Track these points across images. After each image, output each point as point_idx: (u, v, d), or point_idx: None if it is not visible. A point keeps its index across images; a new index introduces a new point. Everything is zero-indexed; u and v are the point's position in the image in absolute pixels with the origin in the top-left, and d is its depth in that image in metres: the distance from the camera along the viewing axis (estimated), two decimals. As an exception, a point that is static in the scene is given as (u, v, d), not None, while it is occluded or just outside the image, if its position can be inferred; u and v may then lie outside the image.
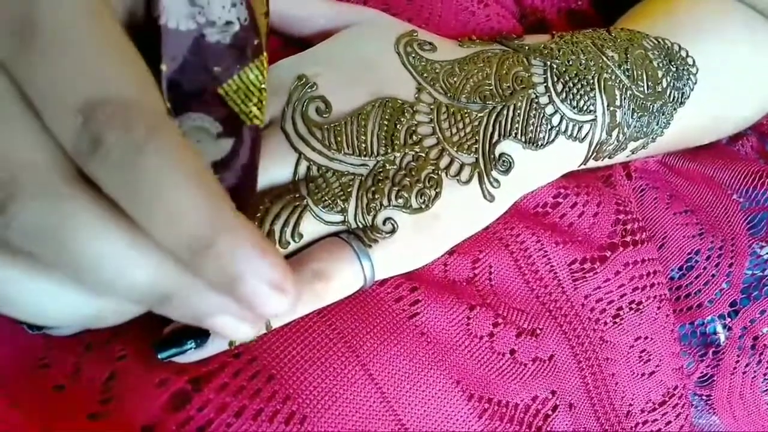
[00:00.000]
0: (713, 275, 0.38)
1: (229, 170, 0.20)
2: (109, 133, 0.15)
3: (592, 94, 0.31)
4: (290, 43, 0.31)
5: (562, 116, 0.30)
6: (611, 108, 0.31)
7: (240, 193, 0.20)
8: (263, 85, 0.20)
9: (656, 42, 0.34)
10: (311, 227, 0.26)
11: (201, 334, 0.24)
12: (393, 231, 0.27)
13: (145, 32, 0.19)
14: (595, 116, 0.31)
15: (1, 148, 0.16)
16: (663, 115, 0.34)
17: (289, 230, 0.25)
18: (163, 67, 0.18)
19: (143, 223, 0.16)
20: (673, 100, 0.34)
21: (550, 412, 0.30)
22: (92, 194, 0.16)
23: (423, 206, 0.27)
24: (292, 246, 0.26)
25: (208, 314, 0.18)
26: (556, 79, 0.31)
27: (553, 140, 0.30)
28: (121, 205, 0.16)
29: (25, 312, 0.18)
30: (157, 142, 0.16)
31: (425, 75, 0.29)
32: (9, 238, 0.16)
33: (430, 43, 0.30)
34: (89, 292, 0.18)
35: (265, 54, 0.20)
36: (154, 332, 0.24)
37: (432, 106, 0.28)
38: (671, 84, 0.34)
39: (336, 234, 0.27)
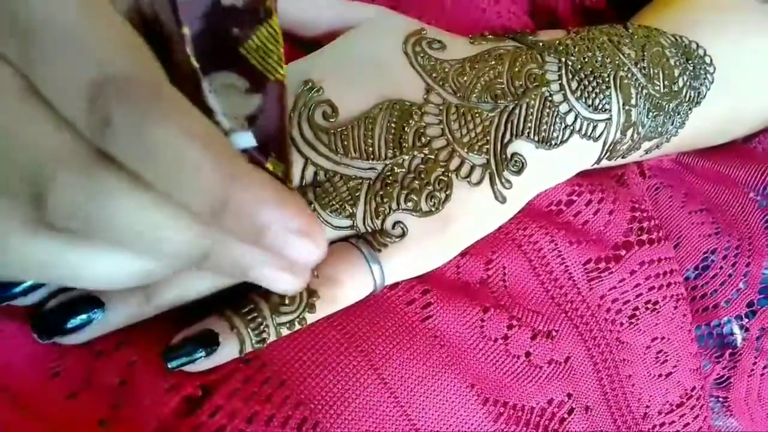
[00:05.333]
0: (730, 275, 0.37)
1: (261, 123, 0.20)
2: (115, 111, 0.16)
3: (607, 93, 0.30)
4: (298, 44, 0.31)
5: (576, 115, 0.30)
6: (626, 107, 0.31)
7: (274, 144, 0.20)
8: (279, 45, 0.21)
9: (674, 39, 0.34)
10: None
11: (211, 343, 0.23)
12: (403, 235, 0.26)
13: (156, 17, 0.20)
14: (610, 115, 0.31)
15: (26, 143, 0.17)
16: (678, 114, 0.33)
17: None
18: (186, 31, 0.19)
19: (163, 190, 0.17)
20: (689, 99, 0.34)
21: (566, 415, 0.30)
22: (118, 169, 0.17)
23: (433, 209, 0.27)
24: None
25: (249, 267, 0.19)
26: (571, 76, 0.30)
27: (567, 139, 0.30)
28: (141, 176, 0.17)
29: (83, 281, 0.19)
30: (162, 110, 0.16)
31: (434, 75, 0.28)
32: (53, 223, 0.17)
33: (440, 42, 0.29)
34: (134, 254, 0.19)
35: (276, 15, 0.21)
36: (165, 338, 0.24)
37: (441, 107, 0.28)
38: (687, 83, 0.33)
39: (345, 239, 0.26)
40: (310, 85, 0.27)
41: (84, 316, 0.23)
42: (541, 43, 0.31)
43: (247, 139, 0.20)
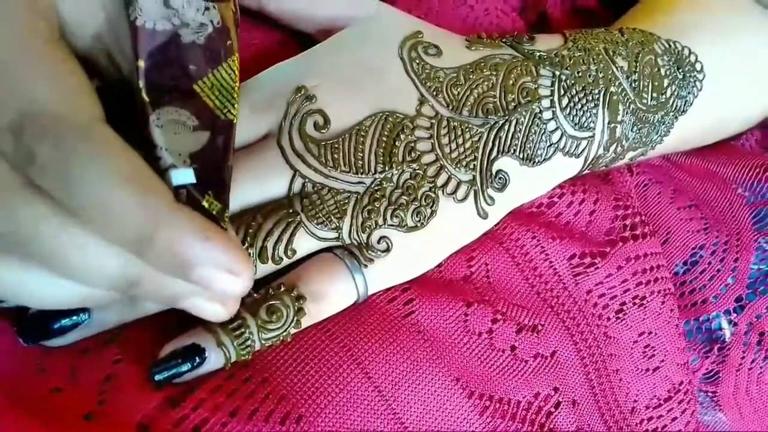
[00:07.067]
0: (718, 270, 0.37)
1: (204, 161, 0.21)
2: (39, 147, 0.17)
3: (595, 111, 0.31)
4: (292, 36, 0.31)
5: (562, 133, 0.30)
6: (612, 125, 0.31)
7: (214, 183, 0.21)
8: (236, 84, 0.22)
9: (667, 46, 0.34)
10: (305, 243, 0.26)
11: (196, 355, 0.24)
12: (387, 250, 0.27)
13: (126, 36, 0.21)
14: (593, 133, 0.31)
15: None
16: (663, 125, 0.34)
17: (282, 247, 0.25)
18: (141, 64, 0.20)
19: (88, 224, 0.17)
20: (675, 108, 0.34)
21: (552, 409, 0.30)
22: (45, 198, 0.18)
23: (418, 225, 0.27)
24: (285, 262, 0.26)
25: (178, 297, 0.19)
26: (562, 92, 0.30)
27: (550, 157, 0.30)
28: (67, 209, 0.17)
29: (21, 299, 0.20)
30: (86, 150, 0.17)
31: (428, 84, 0.28)
32: None
33: (436, 46, 0.29)
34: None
35: (236, 55, 0.22)
36: (152, 337, 0.25)
37: (432, 120, 0.28)
38: (675, 93, 0.33)
39: (329, 249, 0.27)
40: (304, 92, 0.27)
41: (68, 320, 0.23)
42: (537, 54, 0.31)
43: (185, 176, 0.20)
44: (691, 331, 0.37)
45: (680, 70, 0.34)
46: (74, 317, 0.23)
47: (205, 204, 0.20)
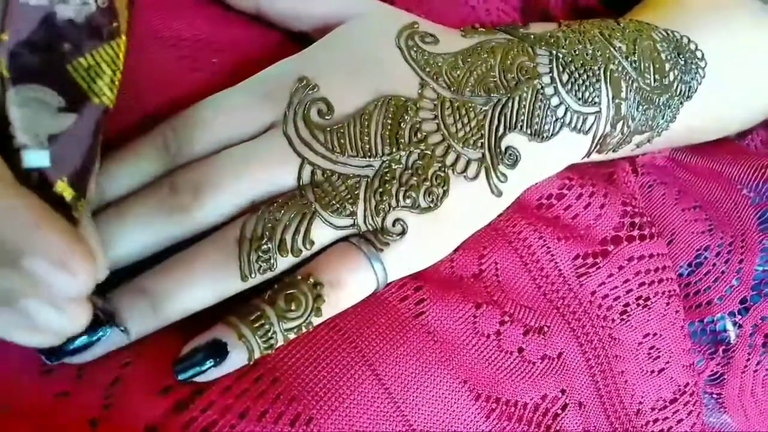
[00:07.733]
0: (723, 272, 0.37)
1: (66, 145, 0.20)
2: None
3: (597, 86, 0.30)
4: (291, 38, 0.31)
5: (566, 108, 0.30)
6: (616, 100, 0.31)
7: (73, 168, 0.20)
8: (117, 69, 0.21)
9: (665, 34, 0.34)
10: (322, 233, 0.26)
11: (220, 352, 0.23)
12: (403, 232, 0.27)
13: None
14: (600, 108, 0.31)
15: None
16: (669, 108, 0.33)
17: (300, 238, 0.25)
18: (5, 37, 0.19)
19: None
20: (680, 93, 0.34)
21: (559, 411, 0.30)
22: None
23: (432, 205, 0.27)
24: (305, 253, 0.26)
25: (12, 295, 0.17)
26: (561, 69, 0.30)
27: (558, 132, 0.30)
28: None
29: None
30: None
31: (428, 69, 0.28)
32: None
33: (432, 35, 0.29)
34: None
35: (124, 38, 0.21)
36: (161, 340, 0.24)
37: (436, 102, 0.28)
38: (678, 77, 0.33)
39: (346, 238, 0.27)
40: (305, 83, 0.27)
41: (86, 338, 0.23)
42: (532, 36, 0.31)
43: (39, 158, 0.19)
44: (695, 333, 0.37)
45: (681, 56, 0.34)
46: (92, 335, 0.23)
47: (58, 189, 0.19)
